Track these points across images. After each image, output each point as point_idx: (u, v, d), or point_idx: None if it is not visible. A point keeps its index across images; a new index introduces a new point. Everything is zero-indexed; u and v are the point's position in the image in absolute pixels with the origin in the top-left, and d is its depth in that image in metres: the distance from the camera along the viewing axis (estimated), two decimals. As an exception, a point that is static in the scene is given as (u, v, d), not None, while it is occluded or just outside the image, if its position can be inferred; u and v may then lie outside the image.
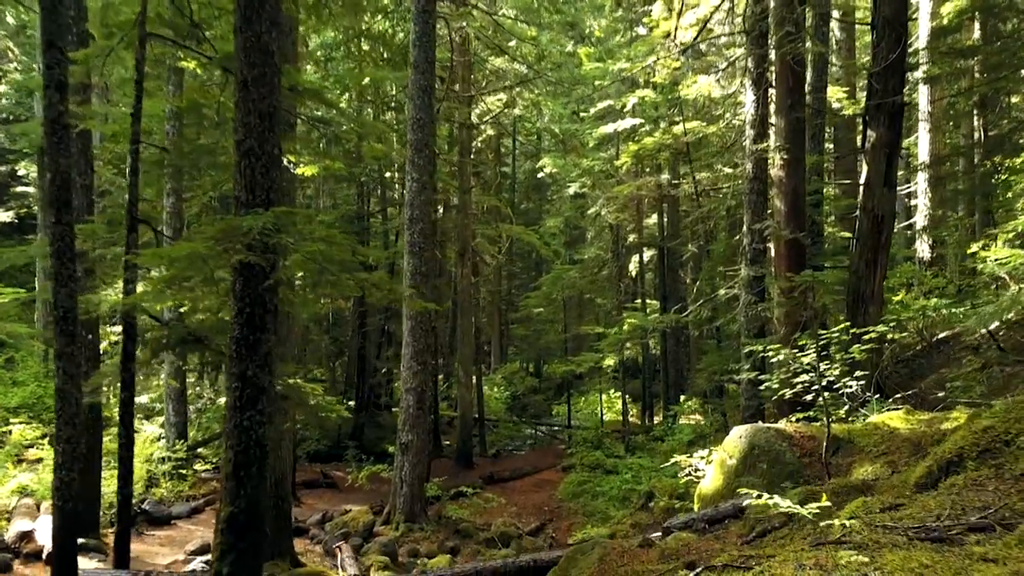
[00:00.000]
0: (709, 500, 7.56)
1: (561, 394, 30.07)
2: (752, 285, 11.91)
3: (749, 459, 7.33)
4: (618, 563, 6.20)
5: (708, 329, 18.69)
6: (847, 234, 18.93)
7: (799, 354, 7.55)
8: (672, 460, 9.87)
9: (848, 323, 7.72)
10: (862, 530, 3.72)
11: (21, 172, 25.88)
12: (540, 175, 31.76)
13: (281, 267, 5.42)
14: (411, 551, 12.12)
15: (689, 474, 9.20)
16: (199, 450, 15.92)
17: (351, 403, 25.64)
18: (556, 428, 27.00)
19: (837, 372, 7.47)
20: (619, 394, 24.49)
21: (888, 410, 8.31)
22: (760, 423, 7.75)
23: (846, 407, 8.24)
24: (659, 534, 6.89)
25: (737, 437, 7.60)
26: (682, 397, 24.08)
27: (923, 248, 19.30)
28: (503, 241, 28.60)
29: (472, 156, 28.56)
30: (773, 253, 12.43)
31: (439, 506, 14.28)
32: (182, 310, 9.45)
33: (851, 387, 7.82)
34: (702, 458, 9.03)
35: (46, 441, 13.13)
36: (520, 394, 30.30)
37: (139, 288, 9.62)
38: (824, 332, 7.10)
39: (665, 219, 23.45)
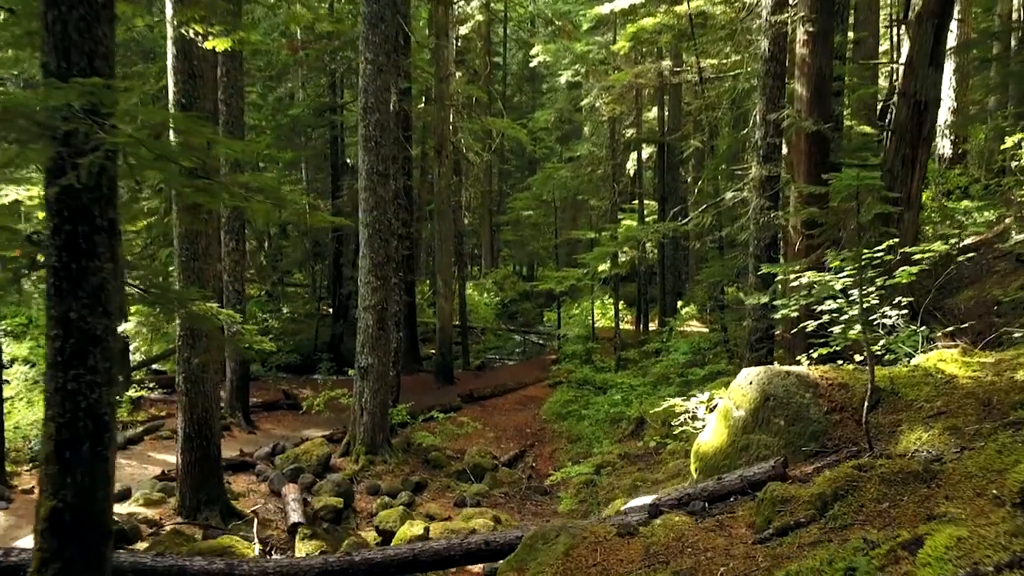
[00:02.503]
0: (710, 462, 6.04)
1: (553, 300, 28.66)
2: (764, 187, 10.09)
3: (762, 412, 5.78)
4: (589, 559, 4.72)
5: (711, 238, 16.95)
6: (868, 128, 16.99)
7: (829, 278, 5.89)
8: (665, 404, 8.38)
9: (894, 237, 6.00)
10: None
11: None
12: (533, 64, 29.20)
13: (94, 164, 3.66)
14: (371, 488, 10.82)
15: (684, 423, 7.68)
16: (135, 373, 14.50)
17: (330, 310, 24.21)
18: (546, 336, 25.69)
19: (876, 301, 5.84)
20: (612, 301, 22.97)
21: (936, 347, 6.72)
22: (776, 366, 6.16)
23: (880, 342, 6.63)
24: (646, 509, 5.40)
25: (747, 383, 6.01)
26: (679, 303, 22.59)
27: (944, 144, 17.48)
28: (493, 137, 26.43)
29: (458, 44, 26.08)
30: (790, 149, 10.60)
31: (408, 431, 12.94)
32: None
33: (890, 317, 6.20)
34: (701, 403, 7.49)
35: None
36: (510, 301, 28.80)
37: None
38: (867, 252, 5.39)
39: (666, 112, 21.29)
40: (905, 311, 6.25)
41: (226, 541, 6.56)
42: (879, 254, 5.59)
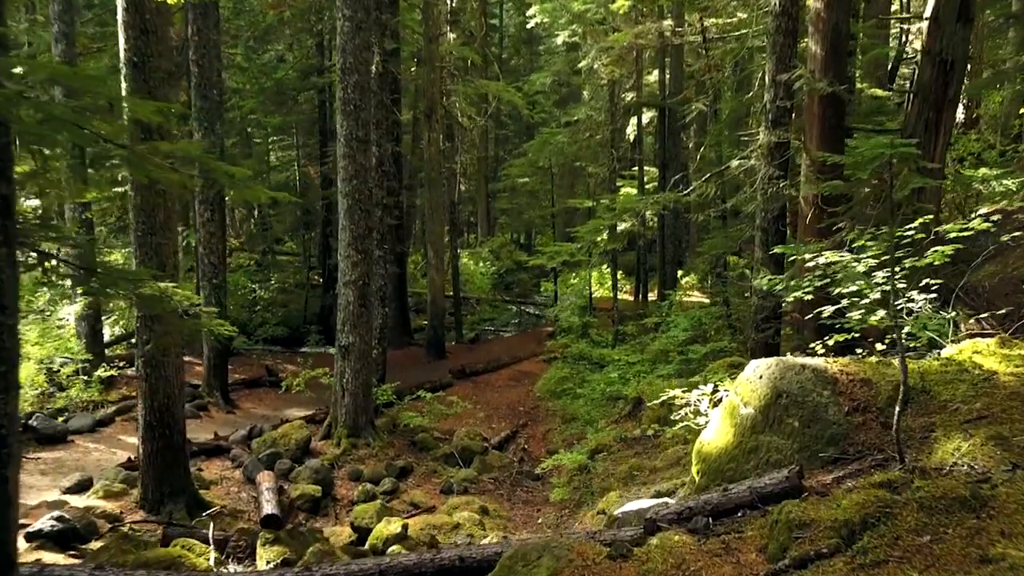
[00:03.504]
0: (714, 464, 5.40)
1: (550, 269, 27.92)
2: (773, 154, 9.34)
3: (773, 410, 5.12)
4: (575, 588, 4.10)
5: (714, 209, 16.18)
6: (880, 91, 16.16)
7: (850, 258, 5.23)
8: (664, 396, 7.72)
9: (928, 213, 5.30)
10: None
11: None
12: (530, 25, 28.10)
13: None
14: (352, 473, 10.24)
15: (684, 416, 7.03)
16: (114, 347, 13.85)
17: (320, 280, 23.51)
18: (542, 307, 25.04)
19: (903, 284, 5.16)
20: (610, 270, 22.25)
21: (961, 332, 6.06)
22: (790, 358, 5.48)
23: (905, 329, 5.96)
24: (641, 522, 4.78)
25: (756, 376, 5.35)
26: (680, 273, 21.89)
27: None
28: (489, 101, 25.48)
29: (452, 3, 25.03)
30: (801, 112, 9.83)
31: (395, 412, 12.33)
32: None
33: (918, 302, 5.51)
34: (704, 395, 6.84)
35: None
36: (506, 271, 28.04)
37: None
38: (900, 231, 4.70)
39: (667, 74, 20.38)
40: (935, 295, 5.56)
41: (175, 551, 5.95)
42: (910, 232, 4.91)
